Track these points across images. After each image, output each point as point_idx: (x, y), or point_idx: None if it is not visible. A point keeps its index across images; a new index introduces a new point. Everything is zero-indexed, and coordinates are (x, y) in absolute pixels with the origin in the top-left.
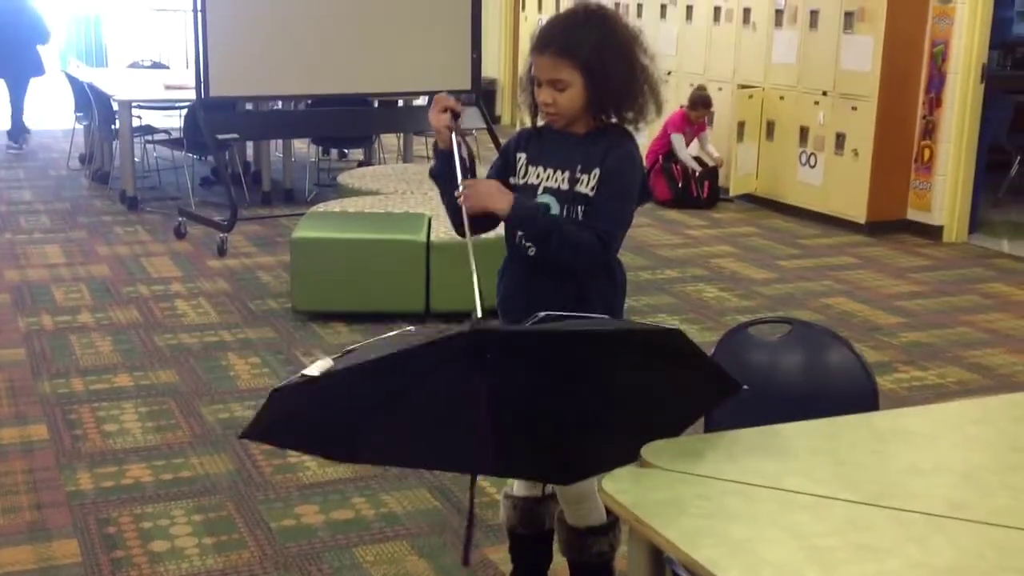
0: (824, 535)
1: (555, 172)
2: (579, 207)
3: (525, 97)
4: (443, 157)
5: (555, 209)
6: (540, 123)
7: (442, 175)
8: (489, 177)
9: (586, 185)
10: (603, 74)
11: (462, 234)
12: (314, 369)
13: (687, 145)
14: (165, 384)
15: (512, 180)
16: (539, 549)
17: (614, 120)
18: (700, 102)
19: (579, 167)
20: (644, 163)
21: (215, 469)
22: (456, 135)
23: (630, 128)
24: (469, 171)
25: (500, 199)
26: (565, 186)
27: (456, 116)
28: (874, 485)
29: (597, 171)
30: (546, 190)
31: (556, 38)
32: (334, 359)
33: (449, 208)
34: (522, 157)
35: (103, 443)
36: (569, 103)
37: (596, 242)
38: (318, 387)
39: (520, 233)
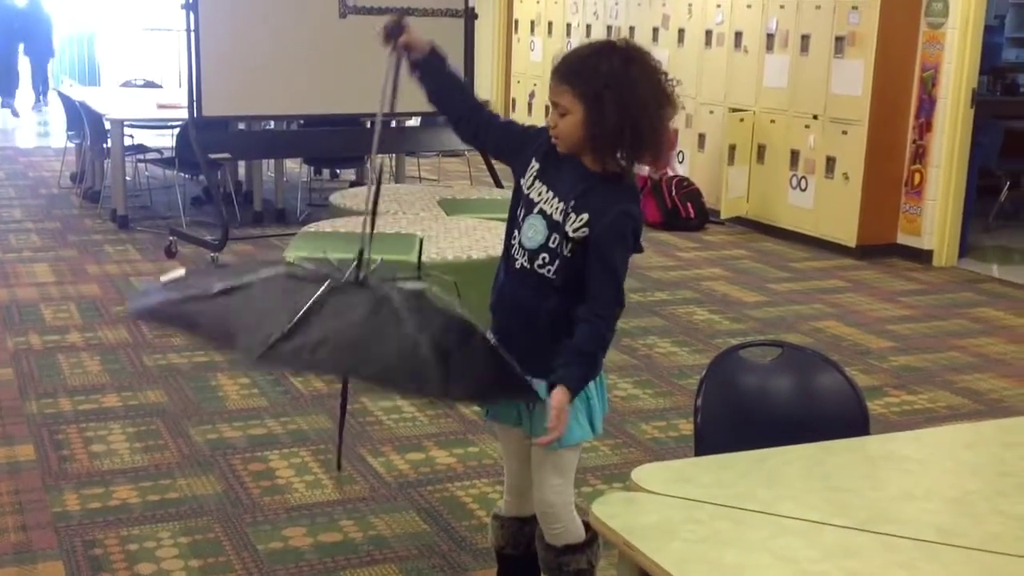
0: (815, 560)
1: (554, 198)
2: (564, 243)
3: None
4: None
5: (541, 230)
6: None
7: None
8: (513, 131)
9: (571, 226)
10: (599, 112)
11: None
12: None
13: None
14: (153, 404)
15: (521, 179)
16: (526, 570)
17: (616, 167)
18: None
19: (572, 203)
20: (641, 216)
21: (202, 491)
22: (395, 52)
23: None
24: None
25: (564, 401)
26: (558, 216)
27: (397, 34)
28: (865, 511)
29: (585, 217)
30: (540, 211)
31: (566, 63)
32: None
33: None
34: (536, 167)
35: (90, 464)
36: (568, 130)
37: (606, 323)
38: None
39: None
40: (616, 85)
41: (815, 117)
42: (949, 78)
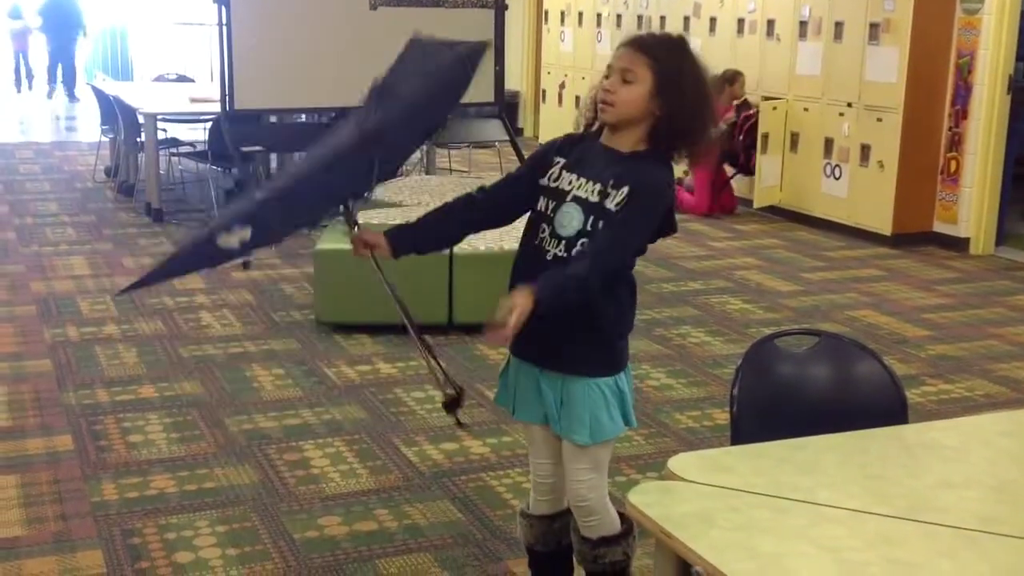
0: (856, 549)
1: (588, 183)
2: (601, 222)
3: (593, 95)
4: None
5: (578, 219)
6: (582, 130)
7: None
8: (519, 175)
9: (613, 201)
10: (676, 93)
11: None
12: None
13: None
14: (189, 395)
15: (541, 182)
16: (558, 565)
17: (648, 147)
18: (736, 74)
19: (611, 182)
20: (675, 195)
21: (239, 480)
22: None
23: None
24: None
25: (526, 305)
26: (595, 199)
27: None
28: (905, 499)
29: (626, 189)
30: (575, 198)
31: (645, 38)
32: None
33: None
34: (559, 161)
35: (128, 454)
36: (629, 98)
37: (598, 263)
38: None
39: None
40: (689, 75)
41: (849, 105)
42: (985, 64)
